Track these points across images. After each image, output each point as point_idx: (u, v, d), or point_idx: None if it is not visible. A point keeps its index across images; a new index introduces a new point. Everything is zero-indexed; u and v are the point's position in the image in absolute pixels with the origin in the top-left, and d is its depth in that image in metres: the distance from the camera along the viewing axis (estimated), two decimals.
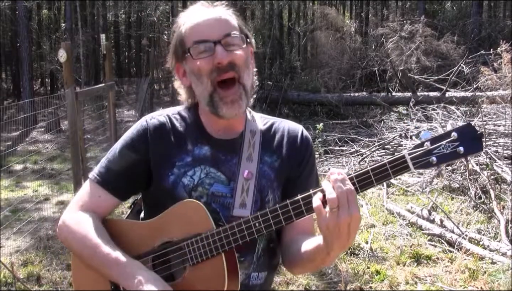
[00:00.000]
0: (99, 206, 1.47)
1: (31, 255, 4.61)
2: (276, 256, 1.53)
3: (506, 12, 22.87)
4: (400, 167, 1.20)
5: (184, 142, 1.45)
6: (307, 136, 1.53)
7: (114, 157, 1.47)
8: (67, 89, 5.22)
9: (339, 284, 3.90)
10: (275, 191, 1.46)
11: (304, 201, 1.26)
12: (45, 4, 25.01)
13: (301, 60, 20.46)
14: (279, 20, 18.84)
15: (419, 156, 1.19)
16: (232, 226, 1.31)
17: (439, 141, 1.18)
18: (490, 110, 8.55)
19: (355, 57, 14.80)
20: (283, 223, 1.28)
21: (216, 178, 1.42)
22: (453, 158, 1.18)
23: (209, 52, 1.35)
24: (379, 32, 14.70)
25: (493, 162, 5.85)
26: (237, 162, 1.43)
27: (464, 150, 1.16)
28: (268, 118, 1.55)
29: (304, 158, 1.50)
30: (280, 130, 1.51)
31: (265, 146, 1.47)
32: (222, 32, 1.37)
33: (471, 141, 1.17)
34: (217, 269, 1.32)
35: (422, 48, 13.08)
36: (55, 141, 10.81)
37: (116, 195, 1.48)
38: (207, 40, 1.36)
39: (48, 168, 8.52)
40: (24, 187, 7.40)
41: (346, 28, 18.18)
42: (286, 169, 1.47)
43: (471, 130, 1.18)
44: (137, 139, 1.46)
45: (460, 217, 5.13)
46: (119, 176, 1.46)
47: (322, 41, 16.34)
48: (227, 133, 1.46)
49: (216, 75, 1.35)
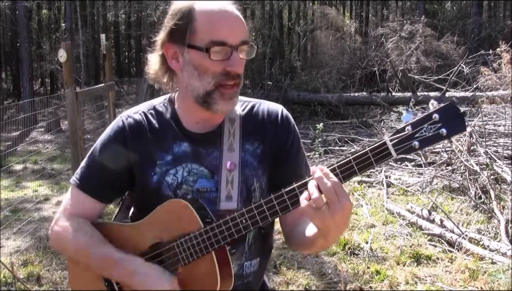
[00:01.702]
0: (85, 212, 1.47)
1: (31, 255, 4.61)
2: (267, 241, 1.52)
3: (506, 12, 22.85)
4: (382, 154, 1.16)
5: (162, 140, 1.41)
6: (287, 115, 1.49)
7: (93, 160, 1.46)
8: (67, 89, 5.22)
9: (339, 284, 3.90)
10: (261, 178, 1.43)
11: (288, 195, 1.23)
12: (45, 4, 25.01)
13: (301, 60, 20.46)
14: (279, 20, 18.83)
15: (400, 142, 1.15)
16: (219, 224, 1.29)
17: (421, 125, 1.14)
18: (490, 110, 8.55)
19: (355, 57, 14.79)
20: (269, 218, 1.26)
21: (199, 173, 1.39)
22: (437, 141, 1.14)
23: (224, 56, 1.30)
24: (379, 32, 14.69)
25: (493, 162, 5.85)
26: (218, 154, 1.40)
27: (447, 132, 1.12)
28: (247, 101, 1.50)
29: (287, 139, 1.46)
30: (260, 114, 1.47)
31: (246, 133, 1.43)
32: (240, 38, 1.32)
33: (454, 121, 1.12)
34: (208, 268, 1.32)
35: (422, 48, 13.07)
36: (55, 141, 10.81)
37: (100, 199, 1.47)
38: (225, 44, 1.29)
39: (48, 168, 8.52)
40: (24, 187, 7.40)
41: (346, 28, 18.17)
42: (270, 154, 1.44)
43: (453, 109, 1.13)
44: (114, 141, 1.43)
45: (460, 217, 5.13)
46: (99, 180, 1.45)
47: (322, 41, 16.34)
48: (206, 124, 1.42)
49: (223, 79, 1.32)
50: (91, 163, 1.46)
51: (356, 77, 13.94)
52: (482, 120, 6.89)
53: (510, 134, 6.96)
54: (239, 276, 1.43)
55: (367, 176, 7.05)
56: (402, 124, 1.16)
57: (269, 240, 1.54)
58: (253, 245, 1.45)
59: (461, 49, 13.24)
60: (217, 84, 1.32)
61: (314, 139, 8.47)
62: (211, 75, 1.32)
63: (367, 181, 6.80)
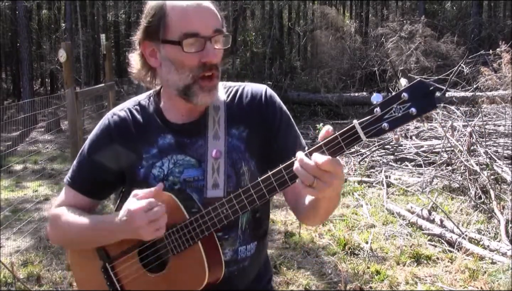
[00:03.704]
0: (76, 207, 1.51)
1: (31, 255, 4.61)
2: (262, 225, 1.53)
3: (506, 12, 22.86)
4: (352, 138, 1.14)
5: (147, 134, 1.44)
6: (271, 94, 1.48)
7: (83, 160, 1.50)
8: (67, 89, 5.22)
9: (339, 284, 3.90)
10: (249, 161, 1.44)
11: (275, 177, 1.23)
12: (45, 4, 25.01)
13: (301, 60, 20.48)
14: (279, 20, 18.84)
15: (369, 124, 1.12)
16: (203, 215, 1.31)
17: (390, 105, 1.11)
18: (490, 110, 8.56)
19: (355, 57, 14.81)
20: (254, 204, 1.27)
21: (185, 163, 1.41)
22: (406, 121, 1.10)
23: (198, 48, 1.31)
24: (379, 32, 14.69)
25: (493, 162, 5.85)
26: (203, 143, 1.41)
27: (416, 111, 1.09)
28: (231, 87, 1.50)
29: (274, 118, 1.45)
30: (244, 97, 1.47)
31: (231, 119, 1.44)
32: (213, 27, 1.32)
33: (423, 99, 1.08)
34: (196, 258, 1.34)
35: (422, 48, 13.07)
36: (55, 141, 10.81)
37: (91, 197, 1.52)
38: (198, 35, 1.31)
39: (48, 168, 8.52)
40: (24, 187, 7.40)
41: (346, 28, 18.16)
42: (257, 135, 1.44)
43: (422, 87, 1.08)
44: (102, 139, 1.47)
45: (460, 217, 5.13)
46: (90, 178, 1.49)
47: (322, 41, 16.35)
48: (191, 115, 1.44)
49: (200, 72, 1.33)
50: (81, 162, 1.51)
51: (356, 77, 13.95)
52: (482, 120, 6.89)
53: (510, 134, 6.96)
54: (234, 261, 1.44)
55: (367, 176, 7.05)
56: (372, 101, 1.13)
57: (264, 223, 1.54)
58: (248, 230, 1.46)
59: (461, 49, 13.24)
60: (195, 77, 1.34)
61: (314, 139, 8.47)
62: (188, 69, 1.33)
63: (367, 181, 6.80)
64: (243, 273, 1.47)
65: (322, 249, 4.62)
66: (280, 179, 1.22)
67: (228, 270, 1.40)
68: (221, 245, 1.39)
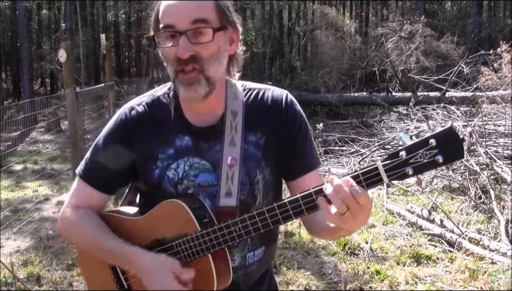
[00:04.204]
0: (90, 203, 1.48)
1: (31, 255, 4.61)
2: (272, 230, 1.48)
3: (506, 12, 22.87)
4: (373, 180, 1.12)
5: (165, 133, 1.40)
6: (292, 101, 1.45)
7: (96, 153, 1.46)
8: (67, 89, 5.23)
9: (339, 284, 3.90)
10: (264, 169, 1.40)
11: (291, 205, 1.22)
12: (45, 4, 25.03)
13: (301, 60, 20.49)
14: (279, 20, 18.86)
15: (393, 168, 1.10)
16: (215, 230, 1.30)
17: (416, 150, 1.08)
18: (490, 110, 8.55)
19: (355, 57, 14.82)
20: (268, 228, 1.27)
21: (201, 167, 1.38)
22: (431, 168, 1.08)
23: (175, 42, 1.28)
24: (379, 32, 14.71)
25: (493, 162, 5.85)
26: (219, 149, 1.38)
27: (443, 159, 1.06)
28: (251, 89, 1.46)
29: (293, 127, 1.43)
30: (264, 102, 1.43)
31: (249, 125, 1.40)
32: (189, 20, 1.26)
33: (452, 148, 1.05)
34: (205, 269, 1.33)
35: (422, 48, 13.08)
36: (55, 141, 10.81)
37: (103, 190, 1.48)
38: (173, 27, 1.27)
39: (48, 168, 8.52)
40: (24, 187, 7.40)
41: (346, 28, 18.17)
42: (275, 142, 1.41)
43: (452, 135, 1.06)
44: (117, 133, 1.43)
45: (460, 217, 5.13)
46: (102, 172, 1.45)
47: (322, 41, 16.35)
48: (208, 117, 1.40)
49: (177, 66, 1.29)
50: (95, 155, 1.46)
51: (356, 77, 13.96)
52: (482, 120, 6.89)
53: (510, 134, 6.95)
54: (241, 267, 1.43)
55: None
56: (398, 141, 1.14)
57: (275, 229, 1.50)
58: (257, 236, 1.42)
59: (461, 49, 13.25)
60: (176, 71, 1.30)
61: (314, 139, 8.44)
62: (170, 63, 1.31)
63: None
64: (249, 277, 1.47)
65: (322, 249, 4.62)
66: (296, 208, 1.21)
67: (235, 275, 1.39)
68: (231, 252, 1.38)
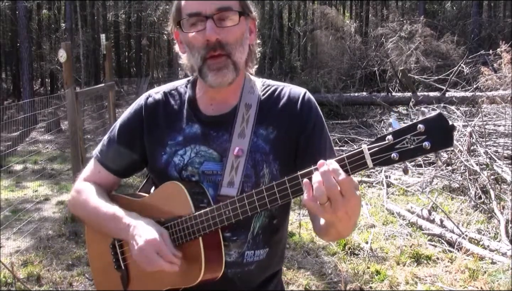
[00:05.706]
0: (101, 183, 1.54)
1: (31, 255, 4.61)
2: (278, 232, 1.49)
3: (506, 12, 22.87)
4: (358, 163, 1.08)
5: (177, 120, 1.44)
6: (309, 99, 1.44)
7: (113, 136, 1.52)
8: (67, 89, 5.23)
9: (339, 284, 3.90)
10: (272, 164, 1.39)
11: (278, 187, 1.19)
12: (45, 4, 25.02)
13: (301, 60, 20.49)
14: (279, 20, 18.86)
15: (379, 152, 1.05)
16: (206, 212, 1.30)
17: (403, 135, 1.04)
18: (490, 110, 8.56)
19: (355, 57, 14.80)
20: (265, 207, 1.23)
21: (207, 156, 1.40)
22: (418, 154, 1.03)
23: (201, 27, 1.31)
24: (379, 32, 14.71)
25: (493, 162, 5.85)
26: (227, 138, 1.39)
27: (430, 145, 1.01)
28: (270, 85, 1.47)
29: (307, 124, 1.41)
30: (280, 97, 1.44)
31: (261, 118, 1.41)
32: (215, 6, 1.31)
33: (441, 134, 1.01)
34: (195, 253, 1.33)
35: (422, 48, 13.08)
36: (55, 141, 10.81)
37: (115, 173, 1.54)
38: (199, 14, 1.31)
39: (48, 168, 8.52)
40: (24, 187, 7.40)
41: (346, 28, 18.15)
42: (286, 138, 1.40)
43: (442, 121, 1.01)
44: (133, 119, 1.49)
45: (460, 217, 5.13)
46: (117, 155, 1.50)
47: (322, 41, 16.36)
48: (221, 107, 1.43)
49: (205, 52, 1.32)
50: (111, 139, 1.52)
51: (356, 77, 13.95)
52: (482, 120, 6.89)
53: (510, 134, 6.96)
54: (238, 264, 1.42)
55: (367, 176, 7.05)
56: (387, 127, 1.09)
57: (281, 231, 1.50)
58: (260, 235, 1.43)
59: (461, 49, 13.25)
60: (203, 58, 1.33)
61: None
62: (196, 50, 1.33)
63: (367, 181, 6.80)
64: (248, 277, 1.45)
65: (322, 249, 4.62)
66: (295, 186, 1.18)
67: (230, 270, 1.39)
68: (227, 245, 1.38)
